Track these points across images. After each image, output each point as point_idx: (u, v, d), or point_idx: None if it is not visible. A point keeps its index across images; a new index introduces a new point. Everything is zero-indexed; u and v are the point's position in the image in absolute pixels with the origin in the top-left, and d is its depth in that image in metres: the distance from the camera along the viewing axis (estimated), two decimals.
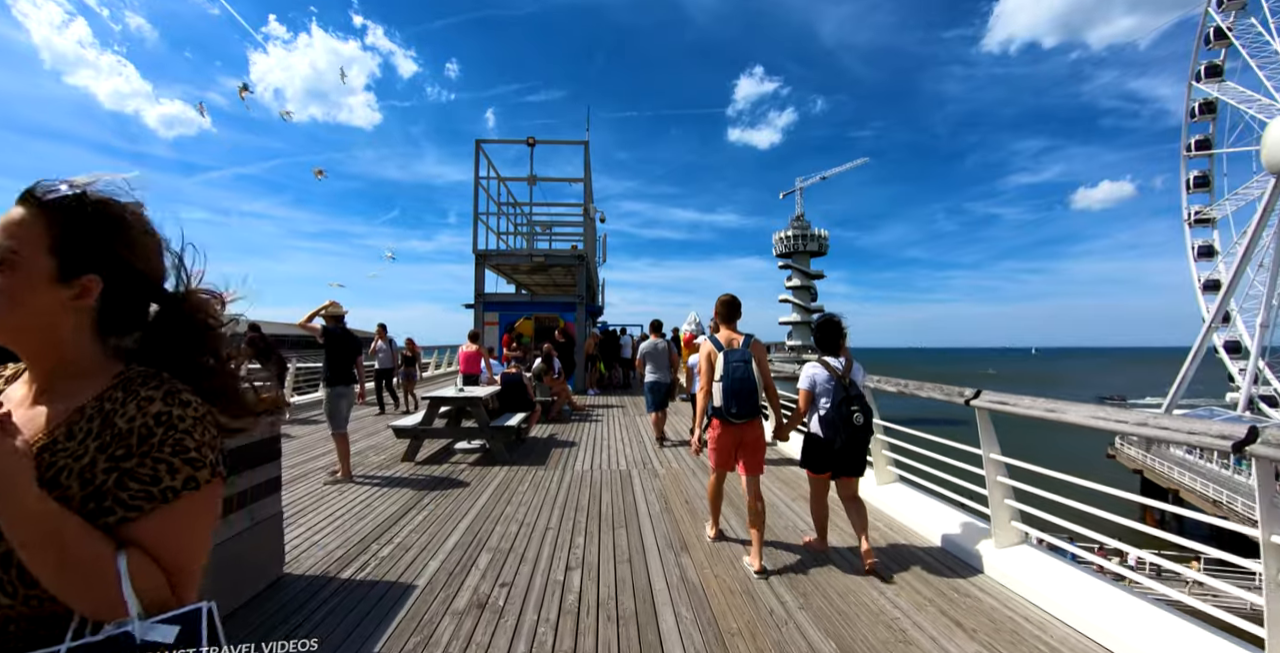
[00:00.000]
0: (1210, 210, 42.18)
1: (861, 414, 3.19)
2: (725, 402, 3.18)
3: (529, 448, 6.64)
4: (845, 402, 3.20)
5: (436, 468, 5.68)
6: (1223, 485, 24.39)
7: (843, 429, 3.18)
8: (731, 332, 3.43)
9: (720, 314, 3.51)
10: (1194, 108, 41.52)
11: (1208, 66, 40.13)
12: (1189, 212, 43.06)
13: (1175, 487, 25.73)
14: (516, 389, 6.87)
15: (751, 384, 3.19)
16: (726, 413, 3.20)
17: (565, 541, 3.64)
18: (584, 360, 12.72)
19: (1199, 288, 41.63)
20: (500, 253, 13.35)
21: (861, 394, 3.30)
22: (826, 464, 3.32)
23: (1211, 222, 42.29)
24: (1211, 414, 32.02)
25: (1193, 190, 42.95)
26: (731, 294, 3.53)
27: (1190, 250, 42.89)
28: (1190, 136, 42.32)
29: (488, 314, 13.33)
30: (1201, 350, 37.16)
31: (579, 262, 13.13)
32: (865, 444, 3.34)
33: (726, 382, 3.18)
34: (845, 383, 3.26)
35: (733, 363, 3.21)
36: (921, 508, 3.99)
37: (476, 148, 13.13)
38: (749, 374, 3.20)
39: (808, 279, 77.27)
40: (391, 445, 6.51)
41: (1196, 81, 40.74)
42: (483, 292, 13.11)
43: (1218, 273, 40.96)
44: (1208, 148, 41.88)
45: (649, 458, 6.18)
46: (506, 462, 5.87)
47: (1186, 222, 43.28)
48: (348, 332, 5.31)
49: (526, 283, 18.19)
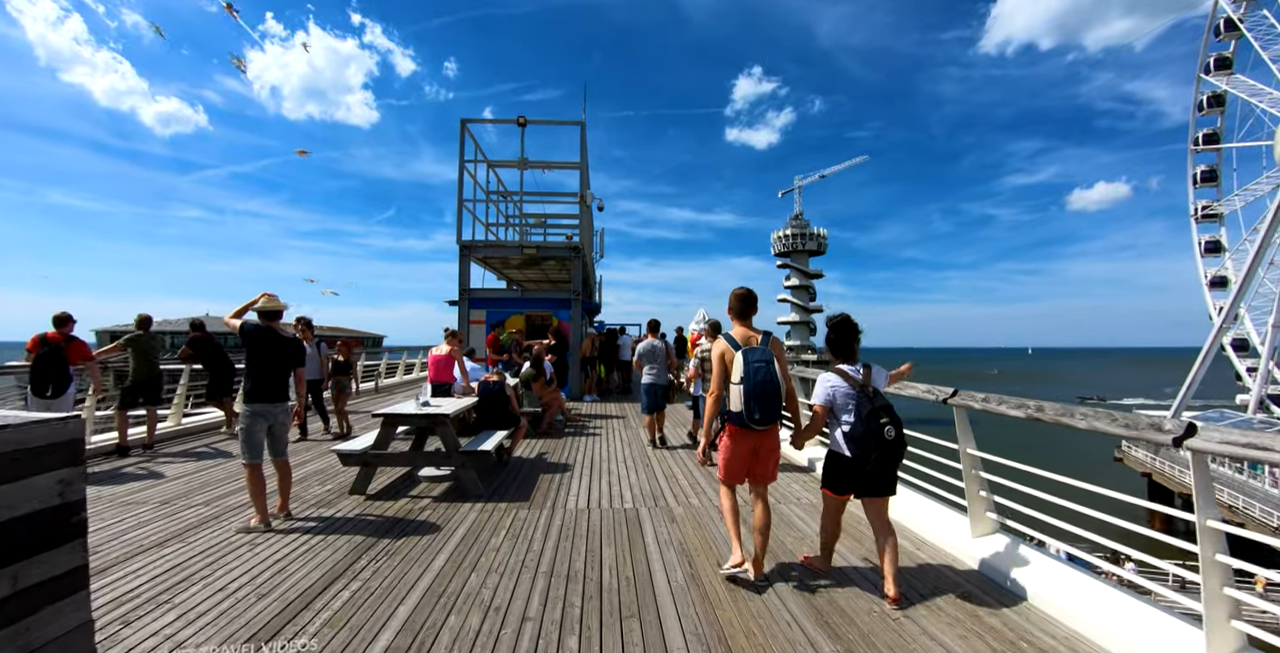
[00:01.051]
0: (1218, 206, 41.40)
1: (893, 426, 2.80)
2: (748, 407, 2.92)
3: (511, 473, 5.44)
4: (873, 414, 2.81)
5: (391, 505, 4.47)
6: (1239, 491, 23.45)
7: (874, 446, 2.79)
8: (748, 329, 3.14)
9: (734, 309, 3.20)
10: (1202, 100, 40.64)
11: (1217, 59, 39.23)
12: (1196, 207, 42.29)
13: (1187, 491, 24.81)
14: (497, 401, 5.65)
15: (775, 386, 2.94)
16: (748, 419, 2.94)
17: (550, 645, 2.44)
18: (580, 363, 11.52)
19: (1205, 284, 40.95)
20: (488, 244, 12.11)
21: (889, 403, 2.90)
22: (852, 485, 2.97)
23: (1219, 217, 41.54)
24: (1222, 417, 31.20)
25: (1199, 185, 42.20)
26: (747, 288, 3.22)
27: (1197, 246, 42.09)
28: (1198, 130, 41.47)
29: (473, 311, 12.10)
30: (1212, 351, 36.26)
31: (574, 254, 11.90)
32: (899, 461, 2.93)
33: (748, 385, 2.91)
34: (869, 392, 2.88)
35: (754, 363, 2.93)
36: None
37: (461, 128, 11.90)
38: (773, 376, 2.92)
39: (806, 278, 76.38)
40: (340, 473, 5.28)
41: (1205, 74, 39.83)
42: (468, 286, 11.88)
43: (1225, 269, 40.21)
44: (1216, 142, 41.03)
45: (659, 489, 4.99)
46: (481, 496, 4.67)
47: (1193, 217, 42.52)
48: (274, 332, 4.08)
49: (518, 279, 16.96)
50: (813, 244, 76.27)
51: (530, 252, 11.76)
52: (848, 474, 2.93)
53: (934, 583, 3.06)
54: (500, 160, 12.57)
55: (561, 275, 14.47)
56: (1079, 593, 2.70)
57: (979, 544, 3.31)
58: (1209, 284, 41.27)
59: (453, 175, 11.32)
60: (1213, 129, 41.27)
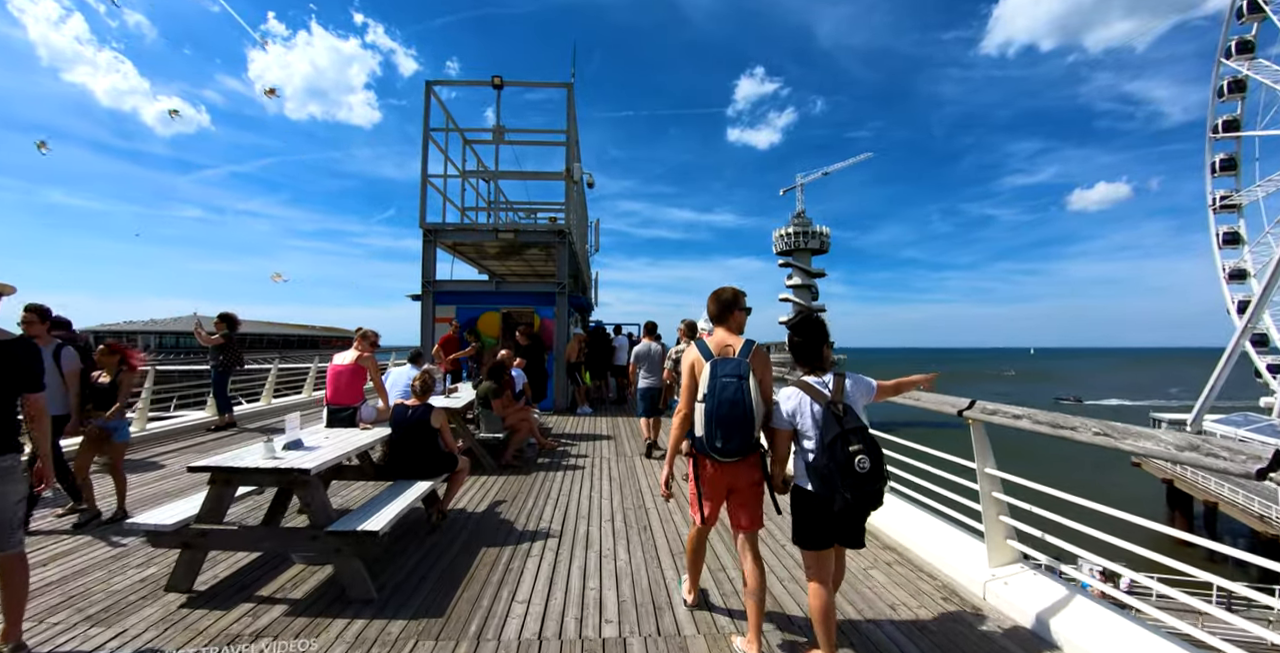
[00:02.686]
0: (1238, 196, 39.79)
1: (867, 456, 2.10)
2: (708, 431, 2.30)
3: (435, 550, 3.54)
4: (839, 440, 2.13)
5: (219, 618, 2.59)
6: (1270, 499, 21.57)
7: (841, 482, 2.10)
8: (729, 335, 2.51)
9: (711, 313, 2.58)
10: (1222, 86, 38.94)
11: (1239, 42, 37.54)
12: (1213, 196, 40.74)
13: (1212, 499, 22.99)
14: (417, 437, 3.76)
15: (744, 409, 2.28)
16: (709, 447, 2.32)
17: None
18: (567, 370, 9.65)
19: (1223, 277, 39.34)
20: (458, 227, 10.18)
21: (863, 425, 2.21)
22: (824, 533, 2.27)
23: (1238, 208, 39.93)
24: (1246, 421, 29.54)
25: (1218, 174, 40.63)
26: (732, 288, 2.58)
27: (1214, 237, 40.50)
28: (1217, 117, 39.81)
29: (440, 308, 10.22)
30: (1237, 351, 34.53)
31: (559, 239, 10.01)
32: (876, 501, 2.18)
33: (710, 403, 2.31)
34: (838, 411, 2.20)
35: (721, 378, 2.31)
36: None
37: (427, 92, 10.02)
38: (743, 395, 2.29)
39: (809, 278, 74.90)
40: (164, 558, 3.36)
41: (1226, 58, 38.14)
42: (433, 277, 9.99)
43: (1244, 262, 38.64)
44: (1235, 129, 39.39)
45: (659, 581, 3.12)
46: (369, 602, 2.78)
47: (1211, 207, 40.97)
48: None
49: (501, 273, 15.05)
50: (815, 242, 74.94)
51: (507, 236, 9.86)
52: (815, 519, 2.27)
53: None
54: (473, 128, 10.64)
55: (550, 268, 12.58)
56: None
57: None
58: (1227, 277, 39.68)
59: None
60: (1232, 116, 39.62)
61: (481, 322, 10.23)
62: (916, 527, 3.61)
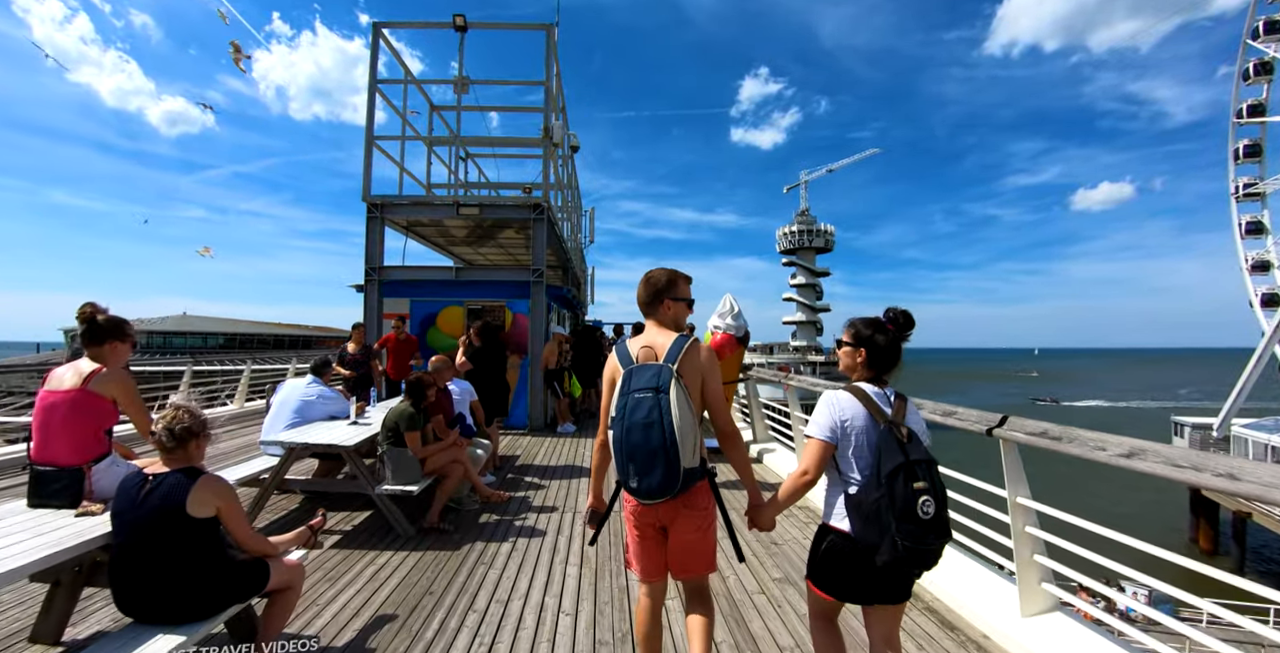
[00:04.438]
0: (1262, 184, 37.93)
1: (932, 499, 1.58)
2: (621, 465, 1.75)
3: None
4: (905, 472, 1.58)
5: None
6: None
7: (898, 528, 1.55)
8: (657, 331, 1.92)
9: (641, 303, 1.99)
10: (1248, 69, 37.08)
11: (1266, 22, 35.63)
12: (1237, 184, 38.92)
13: (1245, 510, 21.07)
14: (168, 541, 1.77)
15: (661, 435, 1.67)
16: (626, 484, 1.78)
17: None
18: (545, 378, 7.67)
19: (1245, 269, 37.49)
20: (412, 201, 8.17)
21: (932, 458, 1.68)
22: (850, 584, 1.71)
23: (1262, 196, 38.07)
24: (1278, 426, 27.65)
25: (1241, 161, 38.77)
26: (670, 270, 1.99)
27: (1236, 227, 38.63)
28: (1241, 101, 37.98)
29: (390, 301, 8.25)
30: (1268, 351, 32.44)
31: (534, 214, 8.00)
32: (934, 559, 1.63)
33: (617, 429, 1.74)
34: (900, 434, 1.65)
35: (632, 394, 1.74)
36: None
37: (374, 35, 8.07)
38: (658, 416, 1.68)
39: (813, 276, 73.24)
40: None
41: (1252, 40, 36.22)
42: (380, 263, 8.01)
43: (1268, 253, 36.78)
44: (1261, 114, 37.57)
45: None
46: None
47: (1233, 195, 39.16)
48: None
49: (476, 260, 12.98)
50: (820, 241, 73.36)
51: (471, 211, 7.88)
52: (846, 568, 1.68)
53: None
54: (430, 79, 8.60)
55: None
56: None
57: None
58: (1250, 269, 37.88)
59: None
60: (1258, 100, 37.81)
61: (442, 318, 8.26)
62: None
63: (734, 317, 5.78)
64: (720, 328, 5.78)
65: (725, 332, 5.74)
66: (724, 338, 5.73)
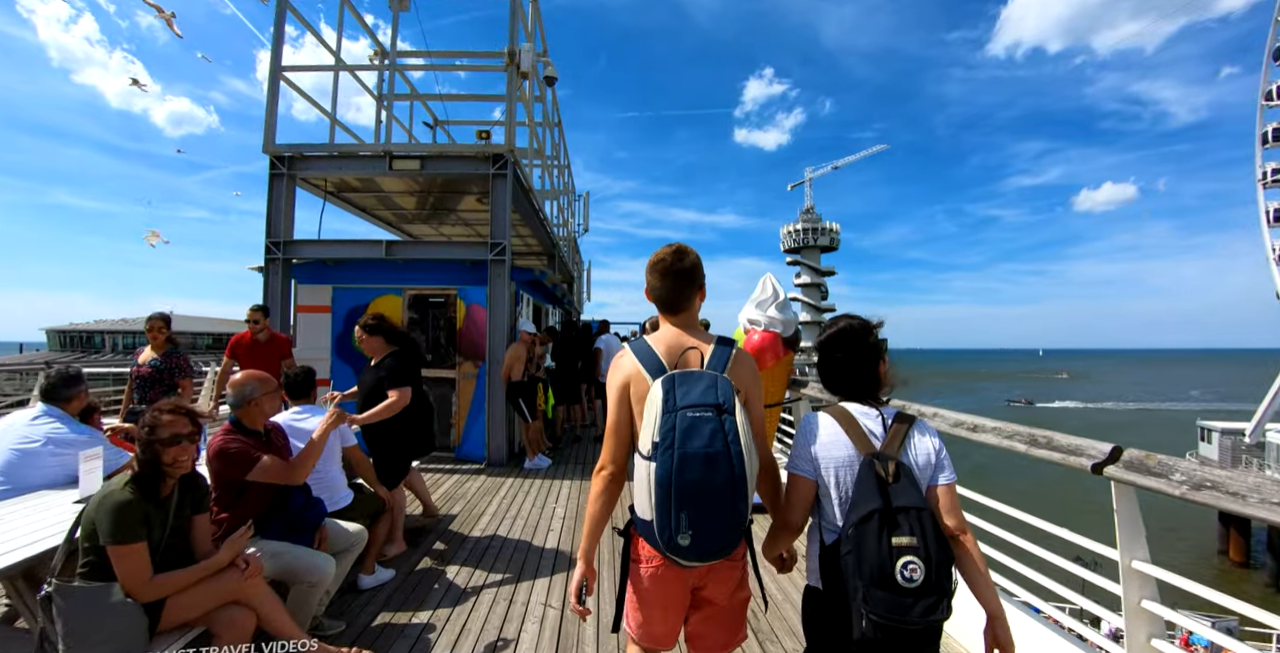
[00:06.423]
0: None
1: (920, 561, 1.15)
2: (662, 515, 1.21)
3: None
4: (879, 521, 1.19)
5: None
6: None
7: (865, 596, 1.18)
8: (684, 330, 1.47)
9: (655, 295, 1.49)
10: (1279, 48, 35.31)
11: None
12: (1264, 170, 37.27)
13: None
14: None
15: (731, 471, 1.20)
16: (665, 542, 1.22)
17: None
18: (509, 393, 5.62)
19: (1273, 259, 35.80)
20: (325, 150, 6.05)
21: (921, 506, 1.20)
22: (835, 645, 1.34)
23: None
24: None
25: (1270, 144, 37.07)
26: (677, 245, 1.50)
27: (1263, 214, 36.93)
28: (1271, 83, 36.22)
29: (307, 288, 6.22)
30: None
31: (495, 167, 5.95)
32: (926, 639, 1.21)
33: (667, 462, 1.20)
34: (884, 470, 1.24)
35: (685, 412, 1.23)
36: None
37: None
38: (725, 445, 1.20)
39: (818, 276, 71.64)
40: None
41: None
42: (288, 237, 5.98)
43: None
44: None
45: None
46: None
47: (1260, 181, 37.50)
48: None
49: (435, 239, 10.41)
50: (824, 239, 71.94)
51: (409, 164, 5.80)
52: (830, 637, 1.33)
53: None
54: None
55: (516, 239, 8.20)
56: None
57: None
58: (1277, 259, 36.18)
59: None
60: None
61: (372, 308, 6.23)
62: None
63: (778, 307, 3.80)
64: (760, 324, 3.78)
65: (767, 330, 3.76)
66: (766, 338, 3.76)
